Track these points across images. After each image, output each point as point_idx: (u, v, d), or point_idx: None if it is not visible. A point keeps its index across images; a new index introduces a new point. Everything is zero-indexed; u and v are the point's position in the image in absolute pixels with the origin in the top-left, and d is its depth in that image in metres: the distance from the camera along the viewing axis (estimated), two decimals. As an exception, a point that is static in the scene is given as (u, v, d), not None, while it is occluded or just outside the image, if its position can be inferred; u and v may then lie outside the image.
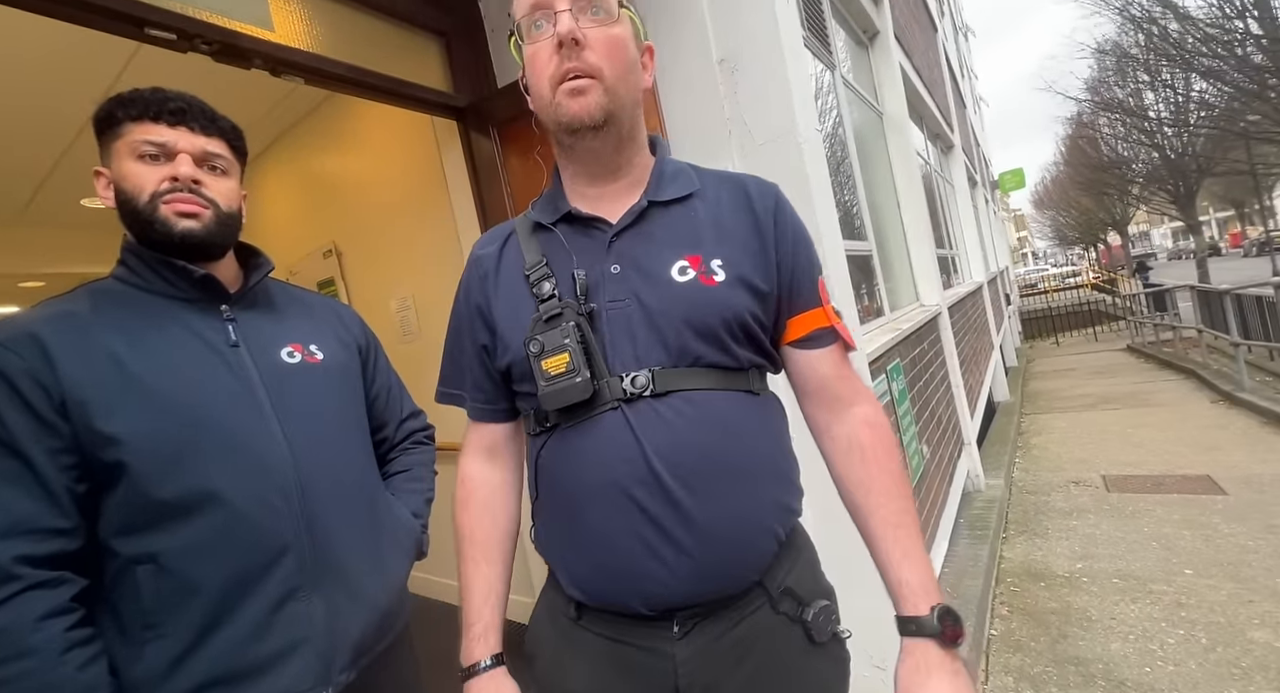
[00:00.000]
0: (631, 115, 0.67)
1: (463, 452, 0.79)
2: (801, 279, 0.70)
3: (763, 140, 1.64)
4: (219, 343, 0.75)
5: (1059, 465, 3.88)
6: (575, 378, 0.61)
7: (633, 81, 0.66)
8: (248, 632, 0.67)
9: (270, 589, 0.69)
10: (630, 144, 0.69)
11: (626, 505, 0.61)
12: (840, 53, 2.96)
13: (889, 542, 0.64)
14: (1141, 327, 8.15)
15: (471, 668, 0.69)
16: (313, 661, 0.71)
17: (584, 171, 0.70)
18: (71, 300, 0.73)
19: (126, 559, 0.66)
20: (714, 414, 0.63)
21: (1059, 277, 19.64)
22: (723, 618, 0.63)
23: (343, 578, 0.75)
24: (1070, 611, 2.23)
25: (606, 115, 0.63)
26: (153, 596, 0.65)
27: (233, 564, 0.67)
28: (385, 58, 1.78)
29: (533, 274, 0.67)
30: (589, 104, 0.62)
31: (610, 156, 0.68)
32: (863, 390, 0.72)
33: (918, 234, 3.57)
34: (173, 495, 0.66)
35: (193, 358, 0.72)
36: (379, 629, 0.80)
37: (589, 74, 0.61)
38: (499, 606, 0.73)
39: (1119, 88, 12.74)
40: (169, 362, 0.71)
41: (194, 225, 0.74)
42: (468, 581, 0.72)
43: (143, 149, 0.73)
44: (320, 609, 0.72)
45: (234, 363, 0.75)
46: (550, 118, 0.65)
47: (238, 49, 1.36)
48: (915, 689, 0.58)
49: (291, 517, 0.72)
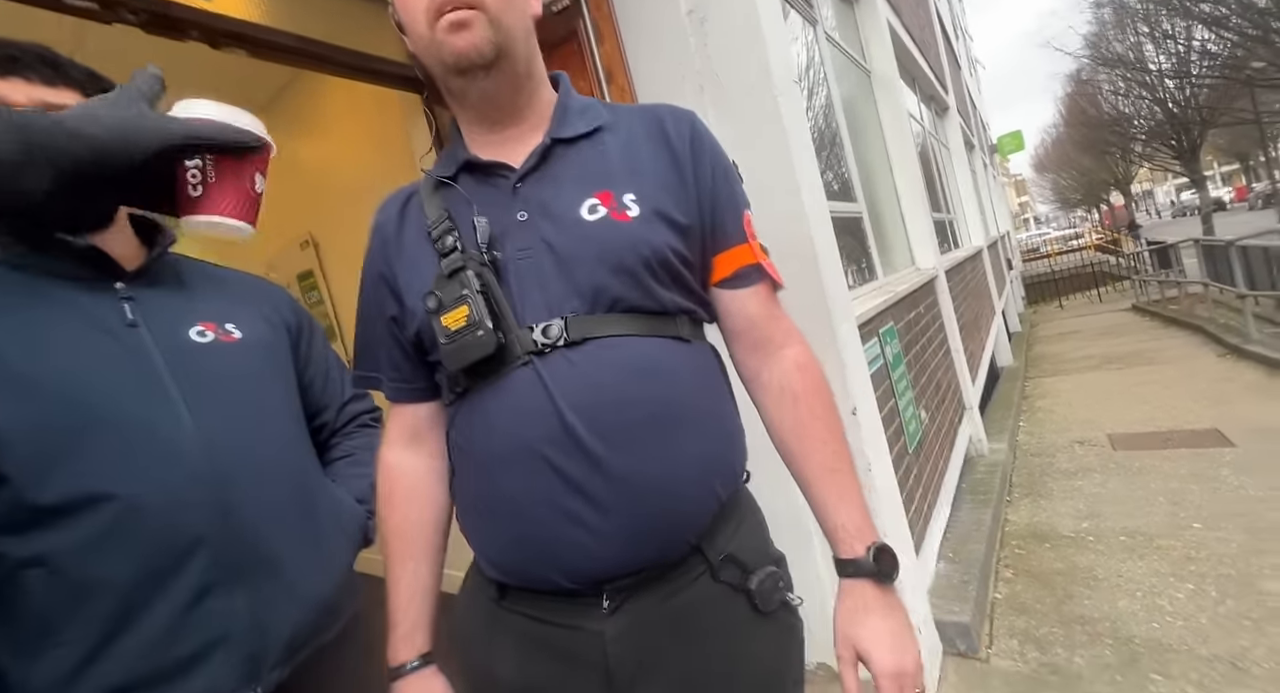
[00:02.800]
0: (525, 48, 0.61)
1: (385, 440, 0.73)
2: (724, 212, 0.65)
3: (737, 95, 1.56)
4: (113, 323, 0.68)
5: (1064, 427, 3.82)
6: (476, 331, 0.55)
7: (520, 8, 0.60)
8: (159, 633, 0.62)
9: (183, 586, 0.63)
10: (528, 81, 0.64)
11: (540, 468, 0.55)
12: (824, 8, 2.84)
13: (824, 486, 0.63)
14: (1146, 285, 8.02)
15: (398, 669, 0.66)
16: (236, 659, 0.65)
17: (480, 117, 0.64)
18: None
19: (14, 563, 0.59)
20: (635, 360, 0.58)
21: (1061, 240, 19.35)
22: (657, 590, 0.58)
23: (271, 570, 0.70)
24: (1076, 570, 2.19)
25: (497, 49, 0.57)
26: (46, 601, 0.59)
27: (136, 562, 0.61)
28: (336, 27, 1.69)
29: (435, 230, 0.62)
30: (475, 38, 0.56)
31: (508, 97, 0.62)
32: (794, 332, 0.69)
33: (912, 197, 3.47)
34: (57, 498, 0.59)
35: (78, 341, 0.65)
36: (317, 622, 0.74)
37: (469, 4, 0.55)
38: (425, 603, 0.69)
39: (1118, 42, 12.41)
40: (48, 346, 0.64)
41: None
42: (393, 578, 0.69)
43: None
44: (243, 604, 0.66)
45: (131, 345, 0.68)
46: (434, 59, 0.58)
47: (169, 19, 1.28)
48: (854, 628, 0.58)
49: (204, 507, 0.65)
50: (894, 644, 0.57)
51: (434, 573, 0.71)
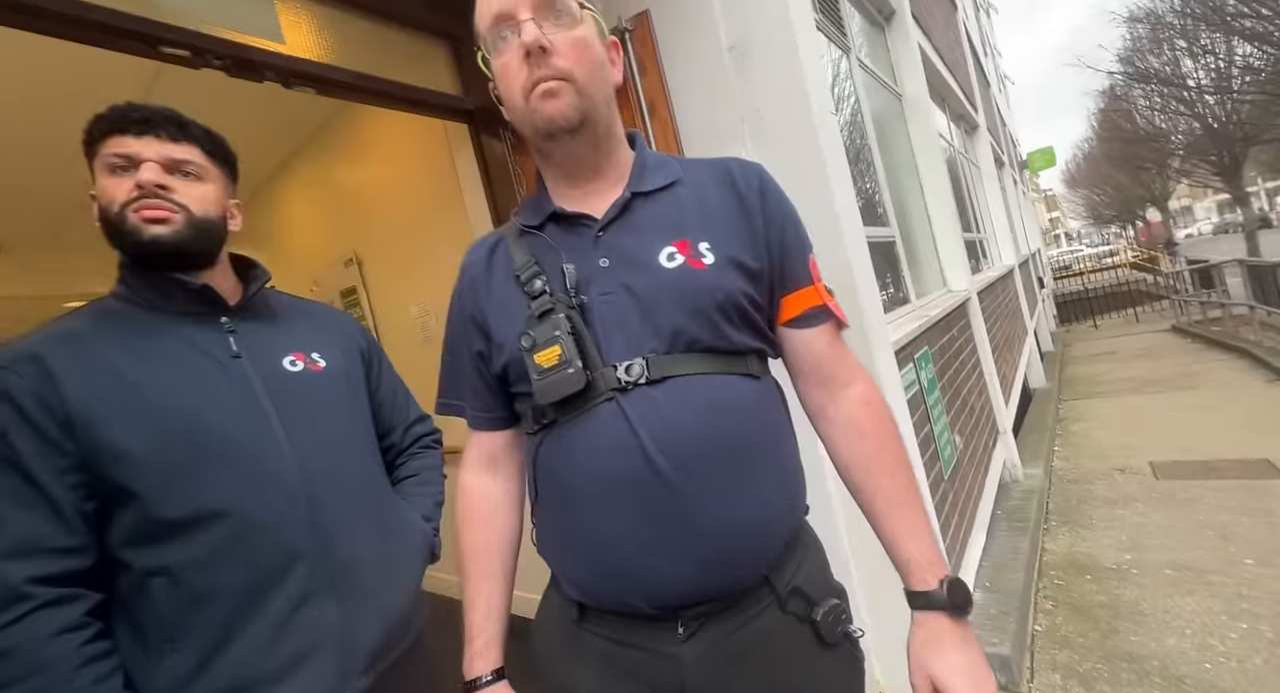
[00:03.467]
0: (606, 113, 0.67)
1: (463, 463, 0.78)
2: (792, 257, 0.69)
3: (776, 126, 1.60)
4: (220, 355, 0.76)
5: (1102, 453, 3.71)
6: (568, 369, 0.60)
7: (603, 79, 0.66)
8: (264, 640, 0.67)
9: (284, 597, 0.69)
10: (608, 141, 0.69)
11: (624, 497, 0.59)
12: (856, 35, 2.88)
13: (894, 520, 0.65)
14: (1187, 306, 7.77)
15: (473, 682, 0.69)
16: (328, 666, 0.70)
17: (565, 174, 0.70)
18: (73, 319, 0.74)
19: (141, 572, 0.66)
20: (712, 398, 0.62)
21: (1094, 257, 18.85)
22: (729, 619, 0.61)
23: (355, 583, 0.75)
24: (1120, 604, 2.12)
25: (582, 116, 0.63)
26: (168, 607, 0.65)
27: (245, 573, 0.67)
28: (394, 64, 1.79)
29: (523, 274, 0.67)
30: (563, 105, 0.62)
31: (589, 156, 0.68)
32: (858, 369, 0.71)
33: (943, 219, 3.46)
34: (181, 513, 0.66)
35: (194, 371, 0.73)
36: (394, 634, 0.79)
37: (559, 78, 0.62)
38: (500, 620, 0.73)
39: (1154, 57, 12.17)
40: (171, 376, 0.71)
41: (162, 231, 0.73)
42: (470, 596, 0.73)
43: (112, 162, 0.73)
44: (333, 615, 0.72)
45: (236, 374, 0.75)
46: (527, 125, 0.65)
47: (250, 63, 1.38)
48: (929, 660, 0.59)
49: (300, 523, 0.71)
50: (971, 677, 0.58)
51: (506, 592, 0.75)
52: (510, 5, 0.62)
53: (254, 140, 2.98)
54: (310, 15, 1.58)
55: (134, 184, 0.73)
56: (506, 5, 0.62)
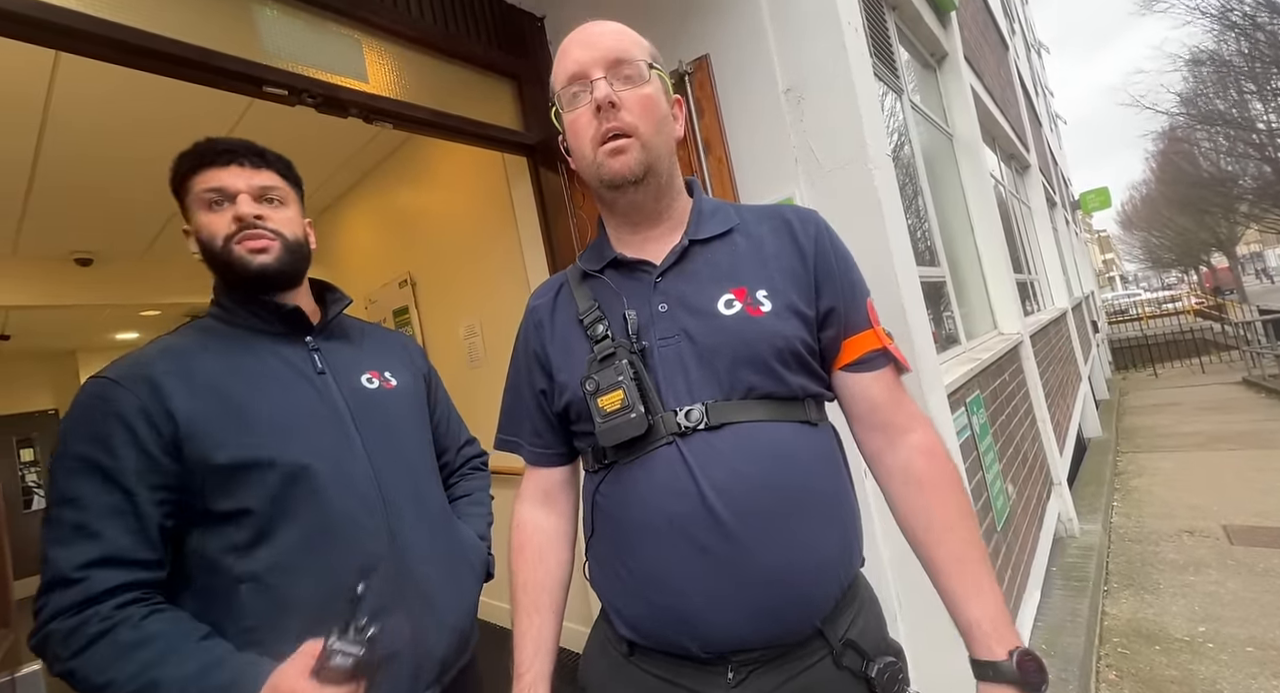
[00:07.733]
0: (668, 165, 0.70)
1: (519, 497, 0.80)
2: (850, 301, 0.69)
3: (831, 168, 1.62)
4: (308, 371, 0.80)
5: (1168, 512, 3.47)
6: (630, 414, 0.62)
7: (666, 133, 0.69)
8: None
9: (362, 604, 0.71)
10: (669, 191, 0.72)
11: (681, 540, 0.59)
12: (907, 77, 2.90)
13: (955, 577, 0.61)
14: (1260, 357, 7.29)
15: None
16: (402, 675, 0.72)
17: (626, 221, 0.73)
18: (180, 337, 0.78)
19: (233, 578, 0.69)
20: (771, 446, 0.62)
21: (1155, 302, 17.95)
22: (781, 668, 0.60)
23: (424, 595, 0.77)
24: (1195, 681, 1.95)
25: (646, 169, 0.66)
26: (255, 613, 0.68)
27: (328, 581, 0.70)
28: (462, 101, 1.90)
29: (586, 318, 0.70)
30: (629, 161, 0.65)
31: (650, 205, 0.71)
32: (918, 416, 0.69)
33: (994, 259, 3.38)
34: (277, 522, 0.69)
35: (287, 386, 0.77)
36: (458, 647, 0.80)
37: (626, 133, 0.66)
38: (549, 656, 0.73)
39: (1219, 99, 11.77)
40: (270, 391, 0.75)
41: (267, 259, 0.79)
42: (521, 630, 0.73)
43: (207, 197, 0.78)
44: (405, 625, 0.73)
45: (322, 389, 0.80)
46: (593, 176, 0.69)
47: (338, 100, 1.49)
48: None
49: (379, 533, 0.74)
50: None
51: (556, 626, 0.75)
52: (585, 65, 0.66)
53: (325, 168, 3.18)
54: (391, 56, 1.70)
55: (233, 217, 0.78)
56: (582, 65, 0.66)
